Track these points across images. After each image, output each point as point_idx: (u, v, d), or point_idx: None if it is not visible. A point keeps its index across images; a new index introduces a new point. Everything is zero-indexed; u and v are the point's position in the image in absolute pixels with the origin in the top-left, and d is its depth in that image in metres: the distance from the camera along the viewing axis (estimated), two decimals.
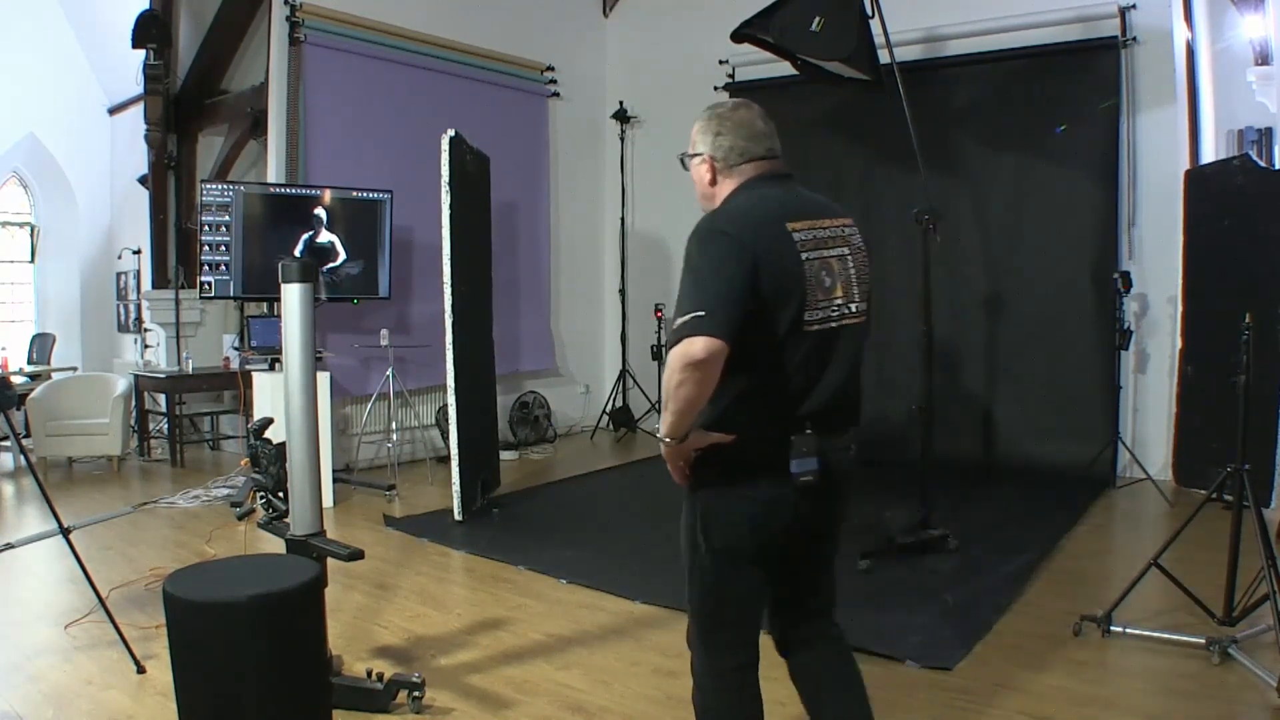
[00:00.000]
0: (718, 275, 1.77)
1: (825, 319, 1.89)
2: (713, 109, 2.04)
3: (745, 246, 1.79)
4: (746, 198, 1.94)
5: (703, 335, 1.69)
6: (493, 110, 7.50)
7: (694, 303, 1.73)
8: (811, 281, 1.86)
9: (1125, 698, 2.93)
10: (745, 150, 1.98)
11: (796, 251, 1.85)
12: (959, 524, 4.68)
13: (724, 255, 1.79)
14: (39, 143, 8.46)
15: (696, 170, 2.05)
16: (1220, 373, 3.91)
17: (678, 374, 1.73)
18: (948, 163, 6.46)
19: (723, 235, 1.82)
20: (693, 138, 2.05)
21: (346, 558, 2.75)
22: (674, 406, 1.77)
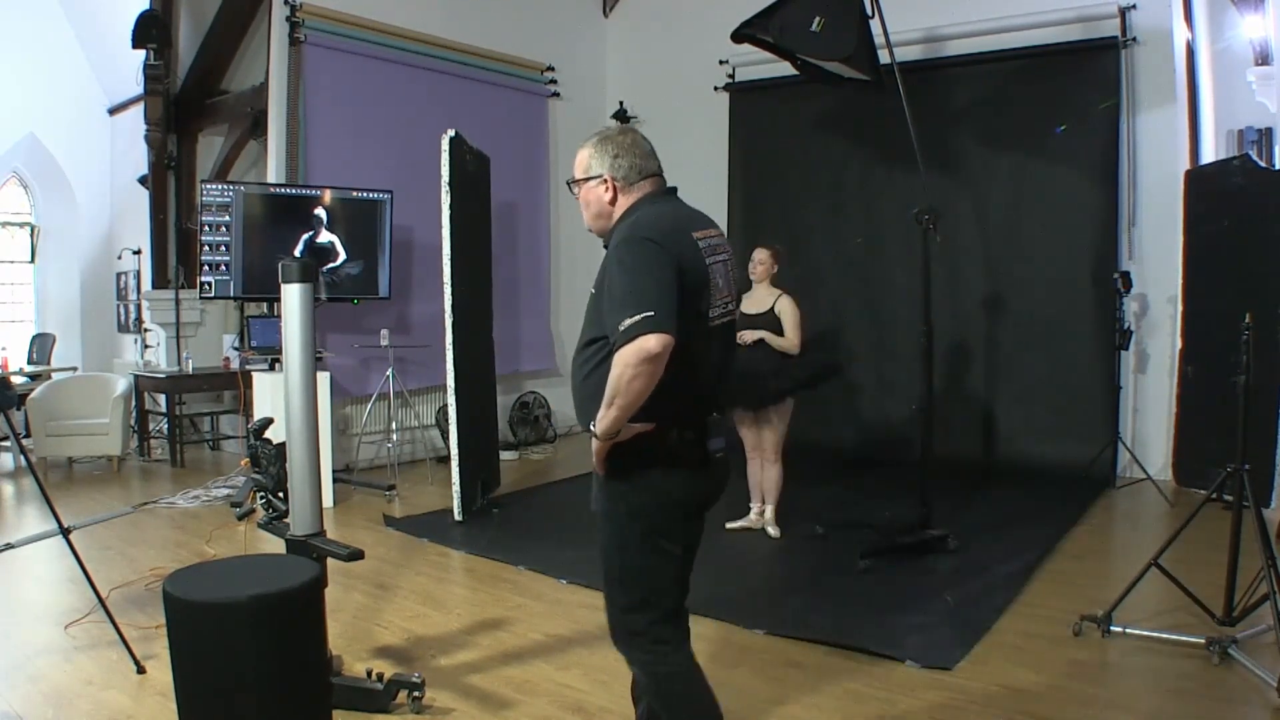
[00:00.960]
0: (654, 279, 1.94)
1: (721, 315, 2.13)
2: (600, 135, 2.23)
3: (669, 252, 1.98)
4: (654, 210, 2.13)
5: (656, 332, 1.85)
6: (493, 110, 7.50)
7: (639, 304, 1.89)
8: (713, 282, 2.09)
9: (1125, 698, 2.94)
10: (643, 168, 2.18)
11: (702, 256, 2.08)
12: (959, 524, 4.68)
13: (656, 260, 1.96)
14: (39, 143, 8.46)
15: (593, 192, 2.20)
16: (1220, 373, 3.91)
17: (632, 369, 1.86)
18: (948, 163, 6.46)
19: (651, 243, 1.98)
20: (583, 164, 2.23)
21: (346, 558, 2.75)
22: (623, 401, 1.90)
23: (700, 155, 8.07)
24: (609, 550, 2.13)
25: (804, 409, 4.96)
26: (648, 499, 2.07)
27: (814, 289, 6.88)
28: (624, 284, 1.95)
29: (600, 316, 2.05)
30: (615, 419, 1.94)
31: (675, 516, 2.12)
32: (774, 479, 4.80)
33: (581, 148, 2.24)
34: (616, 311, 1.92)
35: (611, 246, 2.06)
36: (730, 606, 3.76)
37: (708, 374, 2.12)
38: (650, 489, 2.07)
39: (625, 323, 1.88)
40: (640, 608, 2.13)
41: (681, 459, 2.07)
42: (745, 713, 2.85)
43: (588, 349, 2.13)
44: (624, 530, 2.10)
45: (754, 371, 4.62)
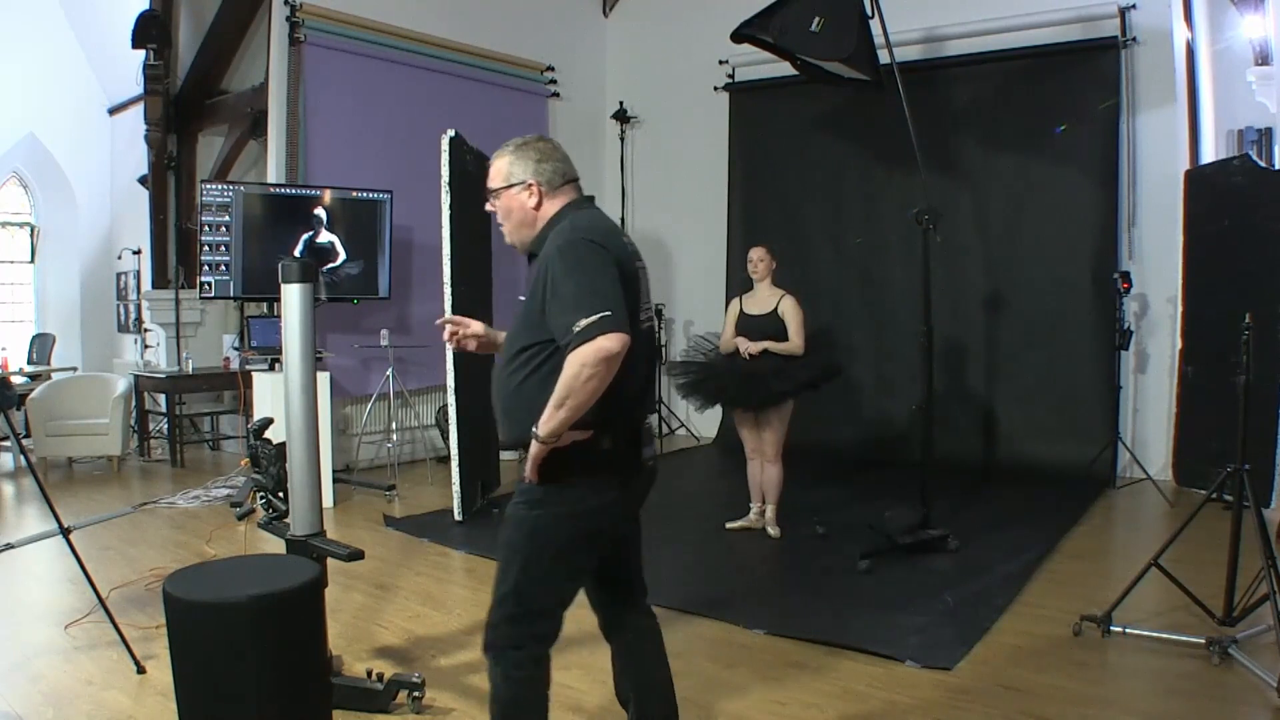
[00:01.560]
0: (607, 279, 1.95)
1: (647, 319, 2.19)
2: (517, 142, 2.19)
3: (610, 254, 2.00)
4: (585, 215, 2.13)
5: (615, 332, 1.86)
6: (493, 110, 7.50)
7: (595, 304, 1.88)
8: (643, 287, 2.16)
9: (1125, 698, 2.93)
10: (565, 172, 2.18)
11: (633, 259, 2.13)
12: (959, 524, 4.68)
13: (603, 262, 1.97)
14: (39, 143, 8.46)
15: (515, 199, 2.16)
16: (1220, 373, 3.91)
17: (590, 368, 1.85)
18: (948, 163, 6.46)
19: (595, 245, 1.99)
20: (502, 172, 2.17)
21: (346, 558, 2.75)
22: (574, 402, 1.88)
23: (700, 155, 8.09)
24: (517, 555, 2.06)
25: (804, 409, 4.95)
26: (569, 512, 2.04)
27: (814, 289, 6.87)
28: (575, 285, 1.92)
29: (534, 323, 2.02)
30: (564, 420, 1.90)
31: (596, 532, 2.10)
32: (774, 479, 4.80)
33: (497, 158, 2.18)
34: (567, 313, 1.90)
35: (553, 250, 2.01)
36: (730, 606, 3.76)
37: (639, 379, 2.10)
38: (577, 502, 2.04)
39: (581, 323, 1.86)
40: (531, 619, 2.07)
41: (614, 467, 2.06)
42: (745, 713, 2.85)
43: (518, 358, 2.07)
44: (540, 540, 2.04)
45: (754, 372, 4.62)
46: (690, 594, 3.91)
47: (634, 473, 2.12)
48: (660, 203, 8.49)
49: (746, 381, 4.65)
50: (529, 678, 2.09)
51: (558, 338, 1.94)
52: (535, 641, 2.08)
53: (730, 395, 4.85)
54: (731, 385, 4.75)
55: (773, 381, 4.58)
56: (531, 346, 2.03)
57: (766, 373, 4.59)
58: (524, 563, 2.05)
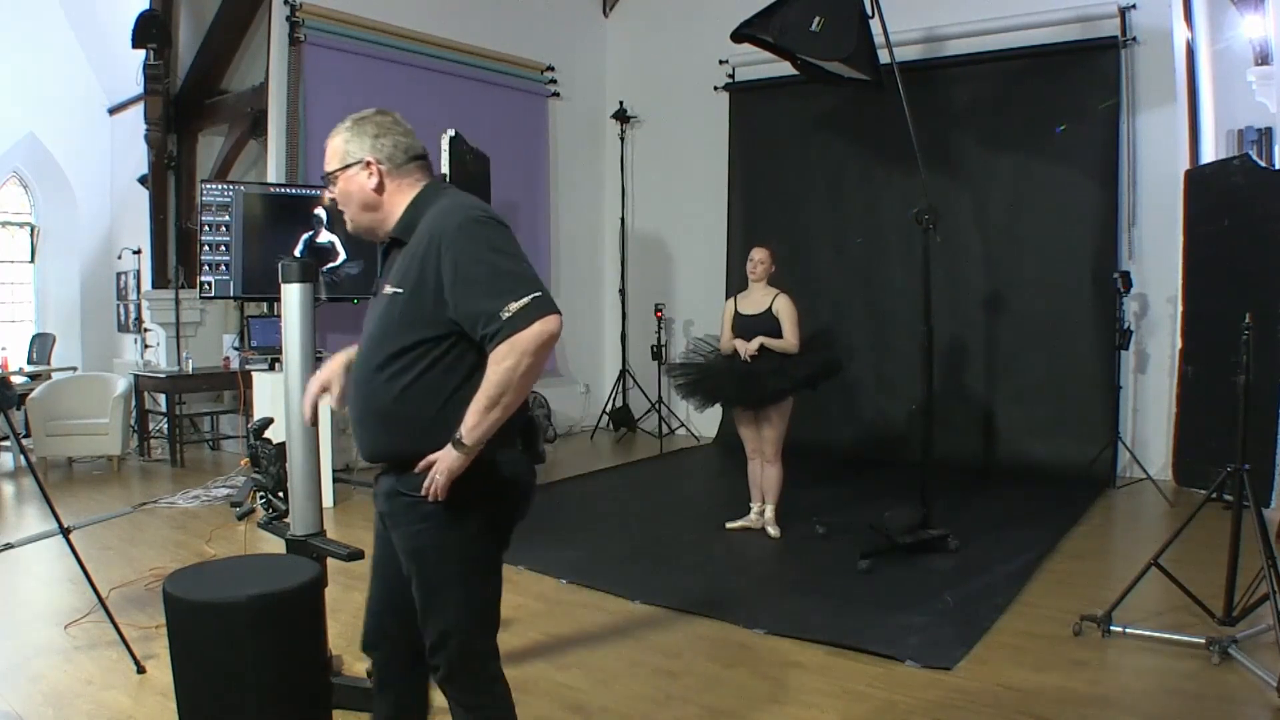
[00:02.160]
0: (524, 260, 1.78)
1: None
2: (354, 118, 1.95)
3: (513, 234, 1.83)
4: (462, 195, 1.91)
5: (553, 313, 1.70)
6: (493, 110, 7.50)
7: (521, 286, 1.71)
8: None
9: (1125, 698, 2.93)
10: (409, 147, 1.93)
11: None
12: (959, 524, 4.68)
13: (515, 242, 1.81)
14: (39, 143, 8.46)
15: (353, 181, 1.92)
16: (1220, 373, 3.91)
17: (529, 357, 1.68)
18: (948, 163, 6.46)
19: (501, 223, 1.82)
20: (338, 152, 1.93)
21: (346, 558, 2.75)
22: (510, 399, 1.71)
23: (700, 155, 8.09)
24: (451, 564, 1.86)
25: (804, 409, 4.96)
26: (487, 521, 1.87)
27: (814, 289, 6.88)
28: (491, 267, 1.72)
29: (417, 318, 1.78)
30: (496, 422, 1.72)
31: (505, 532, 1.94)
32: (774, 478, 4.80)
33: (332, 137, 1.94)
34: (487, 298, 1.70)
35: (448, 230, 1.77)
36: (730, 606, 3.76)
37: None
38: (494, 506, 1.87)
39: (512, 307, 1.68)
40: (480, 632, 1.92)
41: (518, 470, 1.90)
42: (745, 713, 2.85)
43: (397, 360, 1.81)
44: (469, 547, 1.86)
45: (753, 371, 4.62)
46: (690, 594, 3.91)
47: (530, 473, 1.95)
48: (660, 203, 8.49)
49: (745, 380, 4.65)
50: (507, 692, 1.99)
51: (473, 328, 1.73)
52: (495, 654, 1.97)
53: (729, 394, 4.85)
54: (730, 384, 4.76)
55: (771, 380, 4.58)
56: (416, 345, 1.79)
57: (765, 371, 4.59)
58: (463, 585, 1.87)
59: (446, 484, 1.75)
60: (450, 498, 1.77)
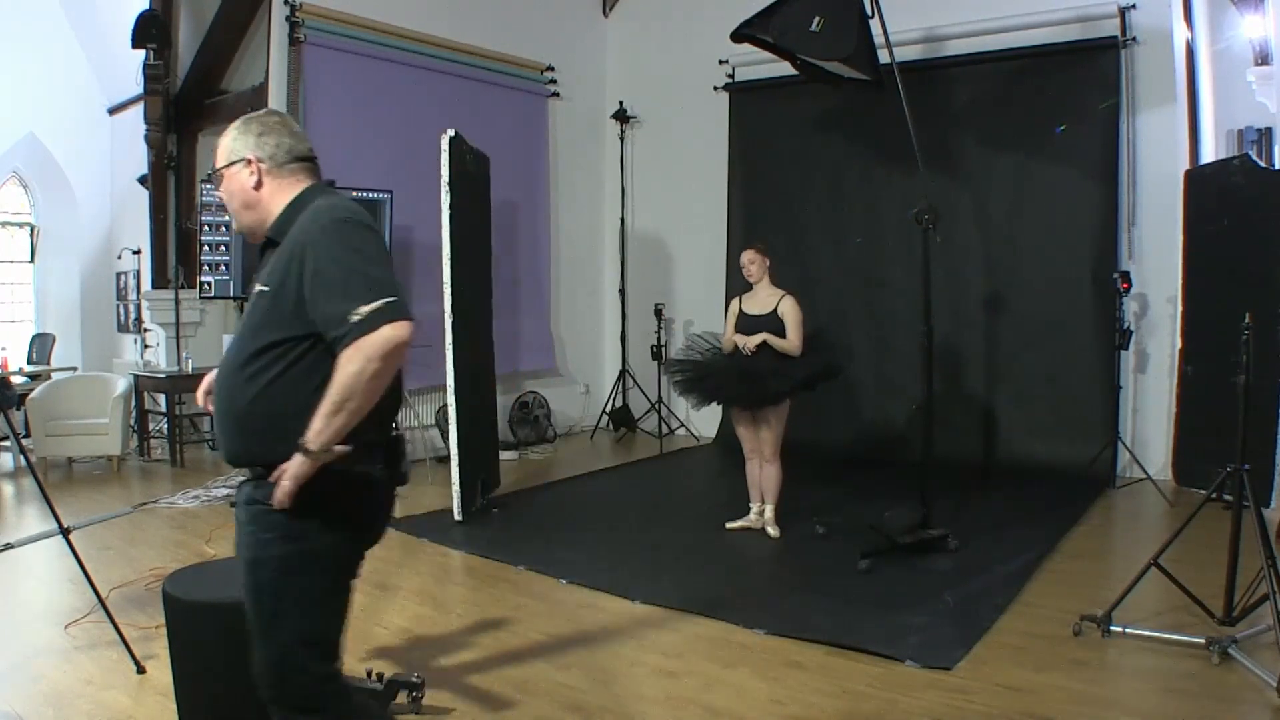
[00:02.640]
0: (384, 264, 1.75)
1: None
2: (244, 118, 1.96)
3: (381, 239, 1.83)
4: (340, 199, 1.89)
5: (403, 319, 1.66)
6: (493, 110, 7.50)
7: (375, 289, 1.67)
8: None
9: (1125, 698, 2.94)
10: (293, 149, 1.92)
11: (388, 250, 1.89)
12: (959, 524, 4.68)
13: (378, 246, 1.78)
14: (39, 143, 8.46)
15: (235, 179, 1.91)
16: (1220, 373, 3.92)
17: (377, 362, 1.63)
18: (948, 163, 6.46)
19: (368, 226, 1.80)
20: (224, 150, 1.94)
21: None
22: (356, 405, 1.65)
23: (700, 155, 8.09)
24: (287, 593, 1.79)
25: (803, 409, 4.96)
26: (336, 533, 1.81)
27: (814, 289, 6.88)
28: (347, 269, 1.69)
29: (280, 317, 1.75)
30: (340, 428, 1.65)
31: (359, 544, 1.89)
32: (773, 479, 4.80)
33: (222, 136, 1.95)
34: (340, 300, 1.66)
35: (313, 231, 1.75)
36: (730, 606, 3.76)
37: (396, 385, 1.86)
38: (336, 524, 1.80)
39: (361, 310, 1.64)
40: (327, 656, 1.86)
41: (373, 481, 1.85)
42: (745, 713, 2.85)
43: (258, 359, 1.77)
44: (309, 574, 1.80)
45: (752, 371, 4.62)
46: (690, 594, 3.91)
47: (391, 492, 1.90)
48: (660, 203, 8.49)
49: (744, 380, 4.65)
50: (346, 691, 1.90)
51: (326, 329, 1.68)
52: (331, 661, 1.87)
53: (728, 394, 4.85)
54: (729, 384, 4.75)
55: (770, 381, 4.58)
56: (278, 344, 1.75)
57: (764, 372, 4.59)
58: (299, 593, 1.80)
59: (292, 490, 1.69)
60: (298, 509, 1.72)
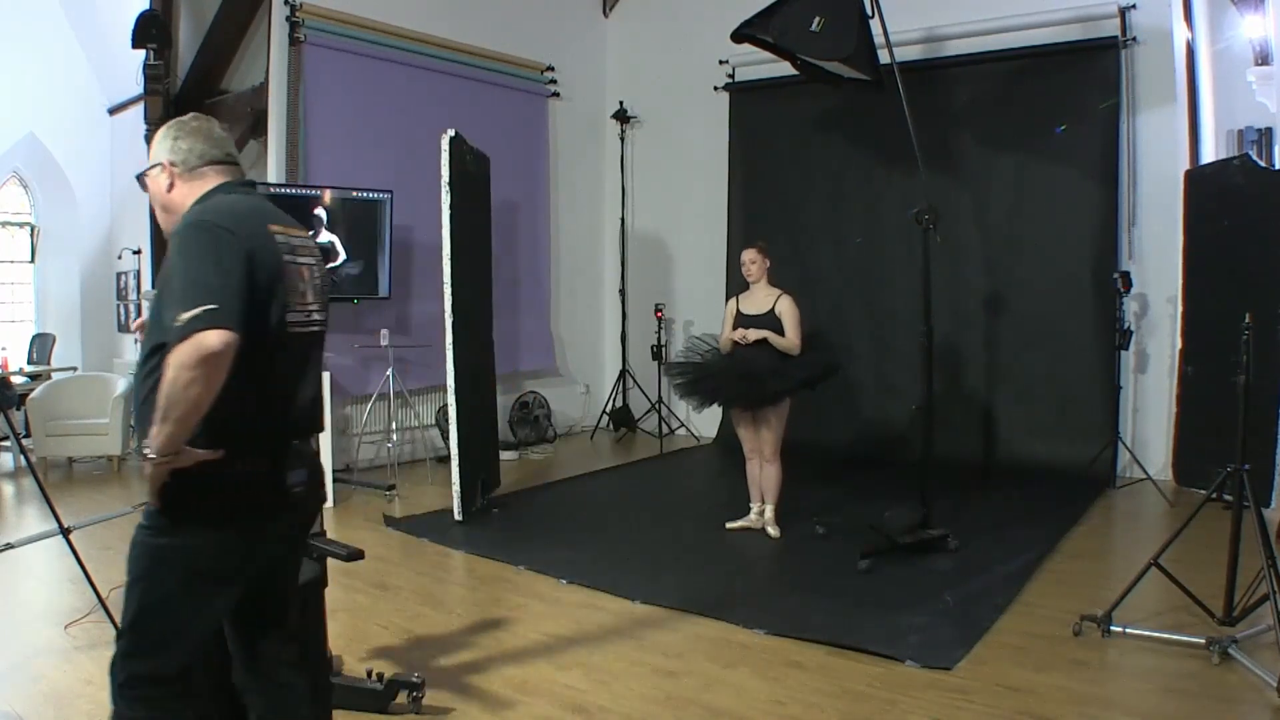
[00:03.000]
0: (220, 269, 1.72)
1: (302, 323, 1.91)
2: (170, 122, 1.99)
3: (240, 240, 1.77)
4: (227, 198, 1.90)
5: (216, 328, 1.63)
6: (493, 110, 7.50)
7: (199, 296, 1.65)
8: (291, 285, 1.87)
9: (1125, 698, 2.94)
10: (204, 153, 1.94)
11: (279, 252, 1.86)
12: (959, 524, 4.68)
13: (222, 249, 1.74)
14: (39, 143, 8.46)
15: (154, 182, 1.96)
16: (1220, 372, 3.91)
17: (189, 371, 1.61)
18: (948, 163, 6.46)
19: (217, 229, 1.77)
20: (150, 153, 2.00)
21: (346, 558, 2.75)
22: (178, 413, 1.63)
23: (700, 155, 8.09)
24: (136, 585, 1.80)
25: (804, 409, 4.96)
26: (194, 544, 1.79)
27: (814, 289, 6.88)
28: (184, 274, 1.70)
29: (158, 321, 1.77)
30: (171, 435, 1.64)
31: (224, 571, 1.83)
32: (773, 479, 4.80)
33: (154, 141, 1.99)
34: (175, 305, 1.65)
35: (176, 235, 1.79)
36: (730, 606, 3.76)
37: (286, 390, 1.86)
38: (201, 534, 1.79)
39: (182, 317, 1.63)
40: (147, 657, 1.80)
41: (249, 497, 1.81)
42: (745, 713, 2.85)
43: (149, 360, 1.80)
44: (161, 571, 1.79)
45: (752, 371, 4.62)
46: (690, 594, 3.91)
47: (278, 504, 1.85)
48: (660, 202, 8.49)
49: (743, 381, 4.65)
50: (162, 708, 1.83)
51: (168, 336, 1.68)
52: (152, 683, 1.80)
53: (727, 395, 4.85)
54: (728, 384, 4.75)
55: (770, 381, 4.58)
56: (160, 348, 1.74)
57: (764, 372, 4.59)
58: (142, 594, 1.79)
59: (153, 491, 1.73)
60: (169, 507, 1.75)
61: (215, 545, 1.81)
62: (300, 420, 1.92)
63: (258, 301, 1.76)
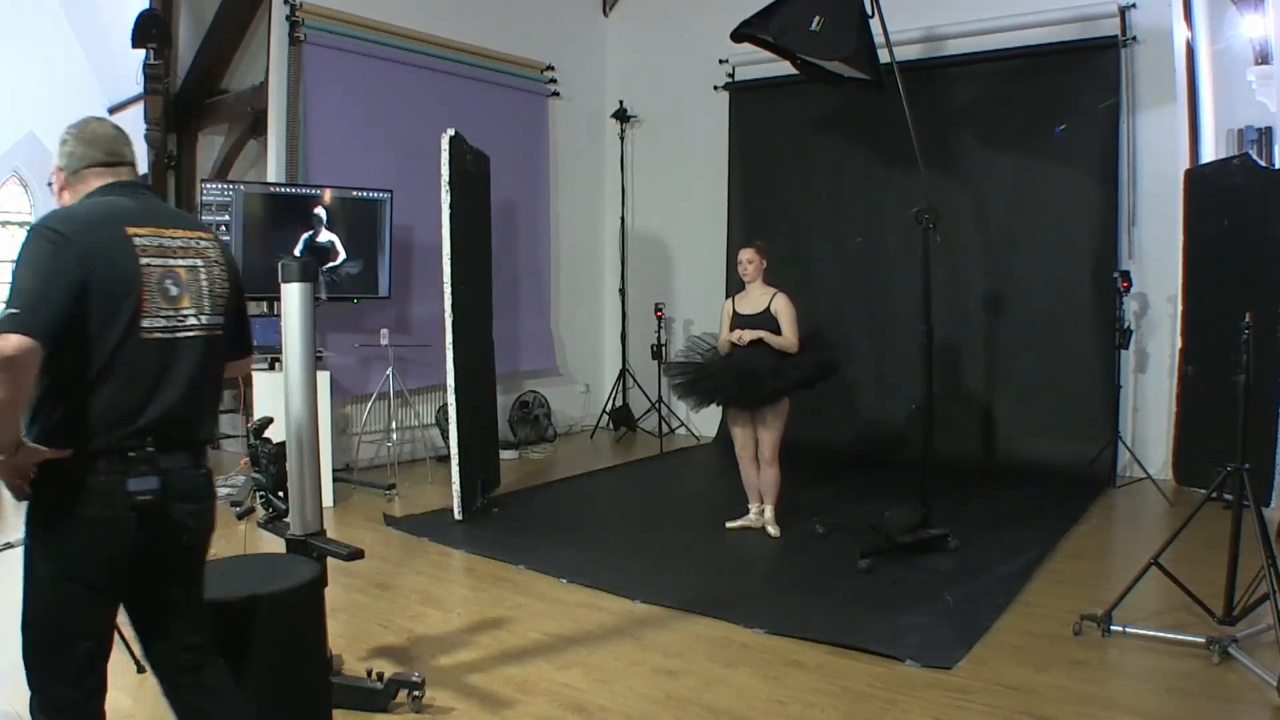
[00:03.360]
0: (38, 274, 1.73)
1: (169, 328, 1.88)
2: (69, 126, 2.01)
3: (74, 245, 1.76)
4: (88, 201, 1.92)
5: (14, 332, 1.64)
6: (493, 110, 7.50)
7: (13, 299, 1.69)
8: (151, 288, 1.85)
9: (1125, 697, 2.94)
10: (84, 155, 1.95)
11: (135, 255, 1.84)
12: (959, 524, 4.68)
13: (47, 254, 1.75)
14: (39, 142, 8.45)
15: (55, 189, 2.00)
16: (1220, 372, 3.92)
17: None
18: (948, 162, 6.46)
19: (49, 232, 1.77)
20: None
21: (346, 557, 2.75)
22: None
23: (700, 155, 8.09)
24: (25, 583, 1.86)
25: (803, 409, 4.96)
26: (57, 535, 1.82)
27: (814, 288, 6.88)
28: (14, 278, 1.74)
29: None
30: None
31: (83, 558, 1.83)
32: (772, 479, 4.80)
33: None
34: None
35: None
36: (730, 606, 3.76)
37: (133, 397, 1.83)
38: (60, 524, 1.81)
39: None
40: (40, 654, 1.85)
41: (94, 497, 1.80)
42: (745, 713, 2.85)
43: None
44: (33, 569, 1.84)
45: (750, 371, 4.62)
46: (690, 594, 3.91)
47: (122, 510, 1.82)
48: (660, 202, 8.48)
49: (742, 381, 4.65)
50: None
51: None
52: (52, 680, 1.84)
53: (726, 394, 4.85)
54: (728, 384, 4.75)
55: (769, 380, 4.58)
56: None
57: (761, 372, 4.59)
58: (26, 591, 1.85)
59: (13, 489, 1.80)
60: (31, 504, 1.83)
61: (70, 545, 1.82)
62: (153, 427, 1.86)
63: (96, 306, 1.76)
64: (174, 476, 1.90)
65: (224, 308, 2.02)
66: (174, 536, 1.93)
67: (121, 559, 1.86)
